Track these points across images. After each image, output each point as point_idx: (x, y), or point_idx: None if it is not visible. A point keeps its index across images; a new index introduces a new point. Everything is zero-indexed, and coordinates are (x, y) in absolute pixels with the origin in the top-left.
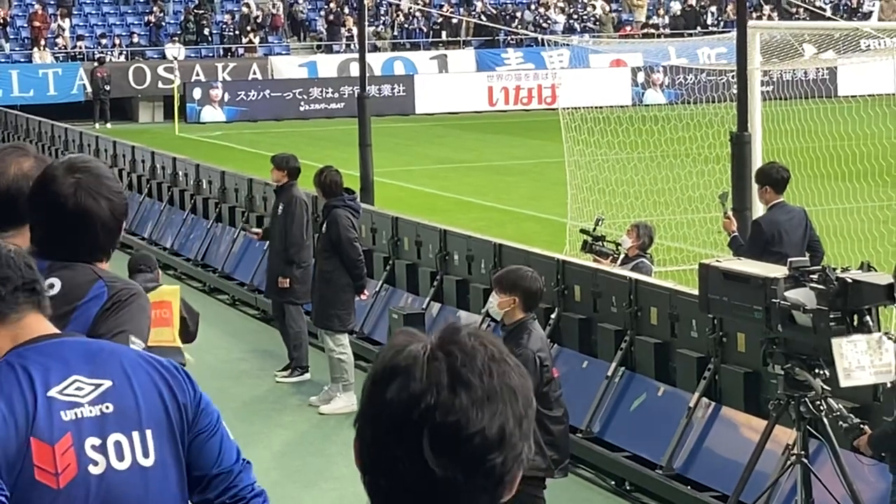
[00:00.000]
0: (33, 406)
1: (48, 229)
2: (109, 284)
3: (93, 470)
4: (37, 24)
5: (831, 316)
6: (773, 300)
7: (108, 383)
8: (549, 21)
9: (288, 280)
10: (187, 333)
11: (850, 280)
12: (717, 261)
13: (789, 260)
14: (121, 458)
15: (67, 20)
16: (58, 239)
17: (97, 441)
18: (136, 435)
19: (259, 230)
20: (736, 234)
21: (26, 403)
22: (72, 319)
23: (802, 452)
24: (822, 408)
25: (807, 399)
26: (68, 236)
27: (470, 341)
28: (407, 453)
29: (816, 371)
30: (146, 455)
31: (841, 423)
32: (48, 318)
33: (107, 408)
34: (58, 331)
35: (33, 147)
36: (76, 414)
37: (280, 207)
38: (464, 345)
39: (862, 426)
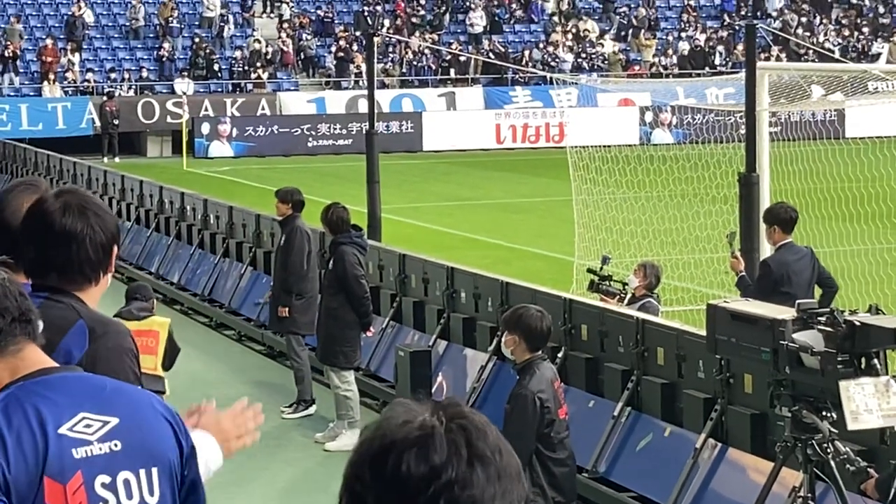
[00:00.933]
0: (44, 444)
1: (38, 252)
2: (91, 325)
3: None
4: (47, 57)
5: (839, 358)
6: (781, 342)
7: (115, 420)
8: (557, 60)
9: (287, 309)
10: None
11: (857, 323)
12: (725, 301)
13: (797, 302)
14: (129, 496)
15: (77, 54)
16: (48, 261)
17: (107, 479)
18: (142, 473)
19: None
20: (743, 273)
21: (36, 442)
22: (56, 358)
23: (809, 495)
24: (829, 450)
25: (814, 441)
26: (58, 256)
27: (477, 418)
28: None
29: (824, 413)
30: (151, 493)
31: (848, 466)
32: None
33: (115, 445)
34: (55, 364)
35: (45, 182)
36: (86, 452)
37: (282, 239)
38: (473, 420)
39: (869, 470)
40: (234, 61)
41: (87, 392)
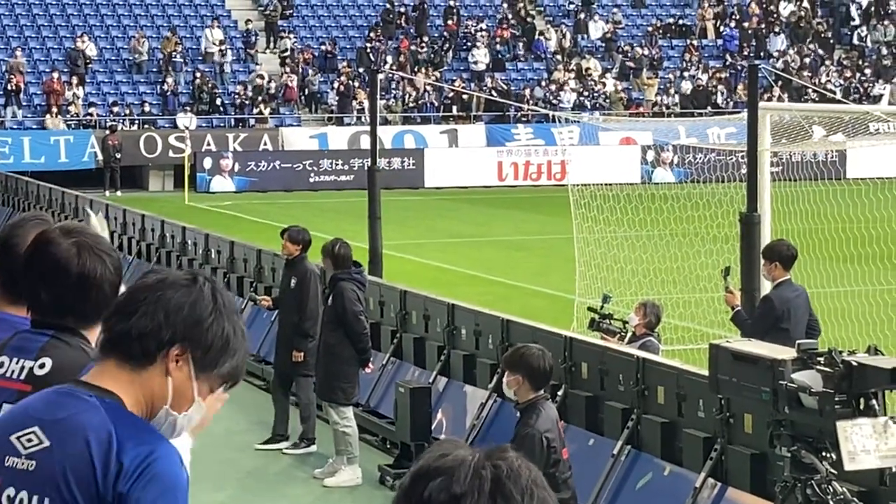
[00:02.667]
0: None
1: (53, 295)
2: None
3: None
4: (50, 91)
5: (836, 399)
6: (781, 382)
7: (47, 444)
8: (559, 98)
9: (302, 354)
10: None
11: (855, 363)
12: (728, 341)
13: (797, 342)
14: None
15: (80, 88)
16: (62, 302)
17: (12, 492)
18: (35, 499)
19: (269, 298)
20: (739, 308)
21: None
22: None
23: None
24: (828, 491)
25: (813, 482)
26: (73, 299)
27: (517, 461)
28: None
29: (823, 454)
30: None
31: None
32: None
33: (32, 465)
34: None
35: (51, 217)
36: (13, 462)
37: (293, 280)
38: (511, 462)
39: None
40: (236, 96)
41: (49, 408)
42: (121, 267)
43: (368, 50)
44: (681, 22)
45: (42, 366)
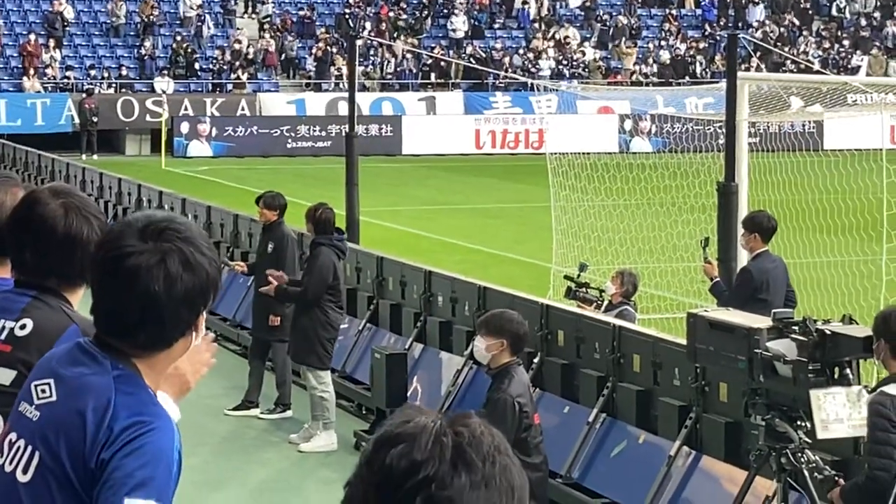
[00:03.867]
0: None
1: (38, 255)
2: (84, 329)
3: None
4: (27, 53)
5: (810, 367)
6: (756, 350)
7: (54, 398)
8: (537, 66)
9: (279, 318)
10: None
11: (828, 332)
12: (705, 311)
13: (773, 311)
14: (11, 462)
15: (58, 51)
16: (47, 262)
17: (14, 437)
18: (30, 449)
19: (244, 264)
20: (717, 279)
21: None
22: None
23: None
24: (802, 460)
25: (788, 451)
26: (59, 259)
27: (480, 428)
28: None
29: (797, 423)
30: (25, 472)
31: (816, 474)
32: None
33: (36, 415)
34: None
35: (17, 175)
36: (25, 410)
37: (270, 245)
38: (473, 428)
39: (836, 478)
40: (214, 61)
41: (66, 363)
42: (106, 228)
43: (347, 16)
44: None
45: (23, 327)
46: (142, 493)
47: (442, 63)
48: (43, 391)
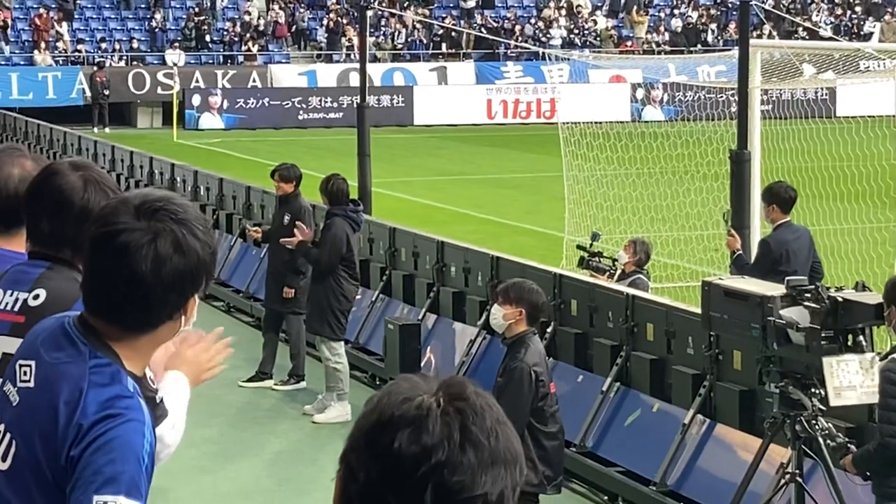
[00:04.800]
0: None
1: (54, 226)
2: None
3: None
4: (38, 26)
5: (823, 335)
6: (770, 318)
7: (32, 384)
8: (549, 35)
9: (293, 290)
10: None
11: (840, 299)
12: (720, 279)
13: (787, 279)
14: None
15: (68, 24)
16: (62, 233)
17: None
18: (8, 436)
19: (259, 229)
20: (740, 252)
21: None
22: None
23: (797, 471)
24: (817, 427)
25: (802, 418)
26: (74, 230)
27: (478, 400)
28: (405, 502)
29: (811, 390)
30: (3, 460)
31: (829, 441)
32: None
33: (15, 400)
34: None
35: (27, 148)
36: (5, 392)
37: (287, 217)
38: (473, 403)
39: (849, 445)
40: (225, 33)
41: (48, 345)
42: None
43: None
44: None
45: (36, 297)
46: (111, 489)
47: (453, 33)
48: (24, 373)
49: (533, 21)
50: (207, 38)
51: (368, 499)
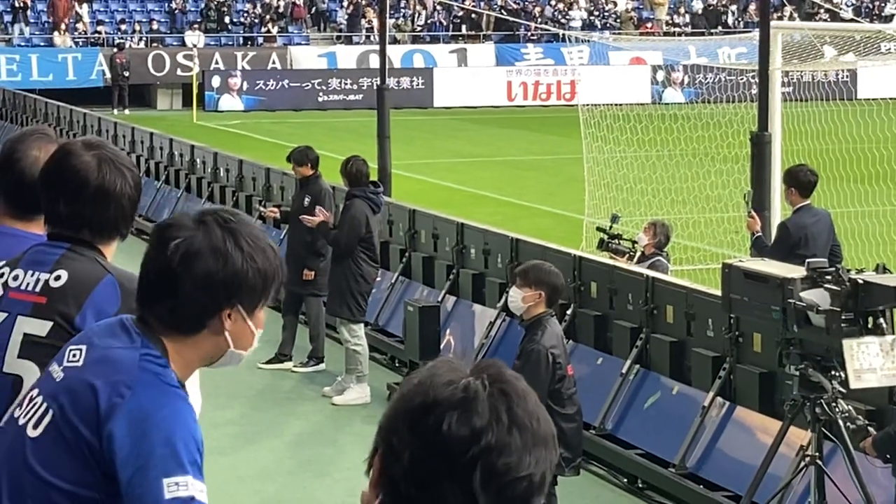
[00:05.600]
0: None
1: (71, 207)
2: (120, 280)
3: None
4: (58, 8)
5: (843, 317)
6: (790, 300)
7: (80, 364)
8: (569, 17)
9: (313, 273)
10: None
11: (861, 281)
12: (740, 261)
13: (807, 261)
14: (26, 415)
15: (88, 5)
16: (80, 214)
17: (34, 393)
18: (45, 406)
19: (276, 209)
20: (760, 234)
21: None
22: (86, 312)
23: (817, 454)
24: (836, 409)
25: (822, 401)
26: (92, 211)
27: (519, 384)
28: (454, 483)
29: (831, 373)
30: (35, 427)
31: (849, 423)
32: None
33: (59, 376)
34: None
35: (52, 131)
36: (53, 369)
37: (307, 199)
38: (515, 386)
39: (869, 428)
40: (245, 14)
41: (103, 334)
42: (140, 183)
43: None
44: None
45: (58, 278)
46: (178, 470)
47: (473, 15)
48: (73, 355)
49: (553, 3)
50: (227, 19)
51: (415, 479)
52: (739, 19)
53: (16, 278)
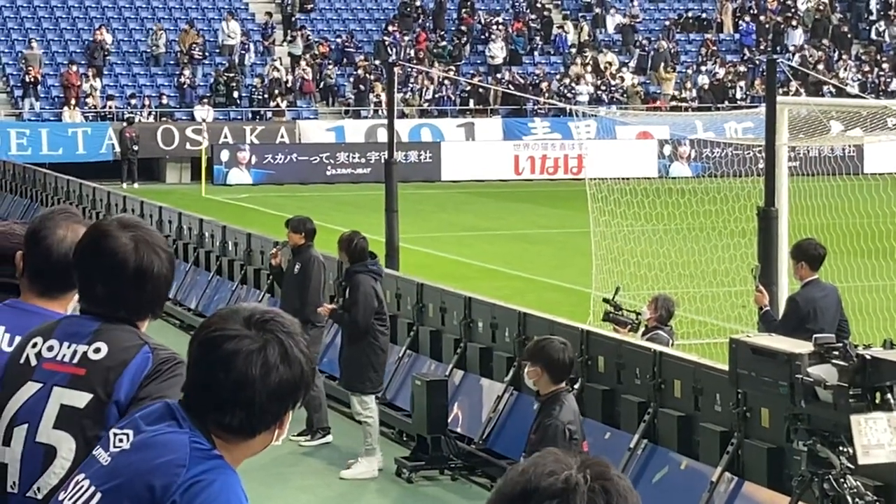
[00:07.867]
0: None
1: (107, 287)
2: (155, 351)
3: None
4: (68, 83)
5: (851, 392)
6: (797, 376)
7: (128, 448)
8: (576, 92)
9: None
10: None
11: (868, 357)
12: (748, 336)
13: (814, 336)
14: (71, 498)
15: (98, 80)
16: (117, 295)
17: (81, 476)
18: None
19: (278, 254)
20: (768, 308)
21: None
22: (122, 384)
23: None
24: (845, 485)
25: (830, 476)
26: (129, 292)
27: (622, 482)
28: None
29: (839, 448)
30: None
31: (857, 500)
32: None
33: (107, 460)
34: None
35: (78, 210)
36: (99, 456)
37: (297, 266)
38: (617, 484)
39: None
40: (253, 89)
41: (150, 419)
42: (174, 262)
43: (386, 43)
44: (698, 16)
45: (97, 350)
46: None
47: (480, 89)
48: (120, 440)
49: (560, 77)
50: (236, 94)
51: None
52: (746, 94)
53: (50, 349)
